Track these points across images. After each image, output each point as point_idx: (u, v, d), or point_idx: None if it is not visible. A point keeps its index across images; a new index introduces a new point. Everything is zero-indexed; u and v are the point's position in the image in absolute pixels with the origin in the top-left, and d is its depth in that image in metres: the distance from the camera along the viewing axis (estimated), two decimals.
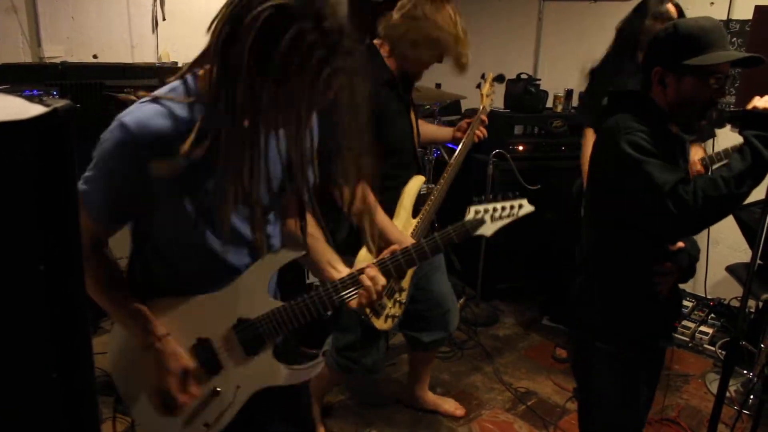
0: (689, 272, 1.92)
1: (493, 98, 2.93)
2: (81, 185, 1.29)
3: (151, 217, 1.35)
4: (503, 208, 1.64)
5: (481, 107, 2.82)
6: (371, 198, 2.24)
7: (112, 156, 1.25)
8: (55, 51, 3.93)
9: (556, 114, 4.22)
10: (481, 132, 2.68)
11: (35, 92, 3.18)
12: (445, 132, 2.76)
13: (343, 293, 1.50)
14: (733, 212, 1.66)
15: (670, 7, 2.83)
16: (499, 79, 3.01)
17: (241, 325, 1.45)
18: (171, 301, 1.43)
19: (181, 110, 1.25)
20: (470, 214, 1.62)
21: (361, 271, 1.50)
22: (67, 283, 0.69)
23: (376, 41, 2.37)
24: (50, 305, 0.67)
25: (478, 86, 2.92)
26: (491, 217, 1.63)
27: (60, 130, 0.64)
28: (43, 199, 0.64)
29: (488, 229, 1.64)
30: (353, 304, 1.52)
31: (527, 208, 1.68)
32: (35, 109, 0.63)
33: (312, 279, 3.26)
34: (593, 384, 1.99)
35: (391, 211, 2.39)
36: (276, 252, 1.50)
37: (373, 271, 1.50)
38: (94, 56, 3.71)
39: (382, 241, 2.27)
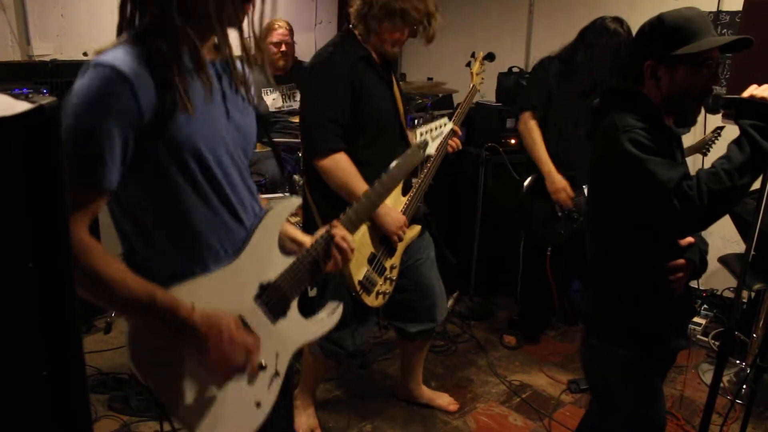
0: (702, 267, 1.88)
1: (484, 77, 2.92)
2: None
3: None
4: (436, 128, 1.85)
5: (471, 86, 2.81)
6: (352, 170, 2.27)
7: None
8: (44, 49, 3.90)
9: None
10: (455, 143, 2.66)
11: (25, 90, 3.16)
12: None
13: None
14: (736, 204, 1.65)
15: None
16: (489, 57, 3.00)
17: (264, 291, 1.38)
18: (187, 287, 1.27)
19: None
20: (417, 137, 1.77)
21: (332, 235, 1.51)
22: (56, 281, 0.69)
23: (352, 26, 2.40)
24: (40, 303, 0.67)
25: (468, 65, 2.90)
26: (431, 136, 1.81)
27: (46, 126, 0.64)
28: (30, 196, 0.64)
29: (431, 148, 1.84)
30: (330, 266, 1.51)
31: (450, 125, 1.97)
32: (21, 106, 0.63)
33: None
34: (613, 389, 1.95)
35: None
36: (276, 205, 1.42)
37: (341, 231, 1.52)
38: (84, 54, 3.68)
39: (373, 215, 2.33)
